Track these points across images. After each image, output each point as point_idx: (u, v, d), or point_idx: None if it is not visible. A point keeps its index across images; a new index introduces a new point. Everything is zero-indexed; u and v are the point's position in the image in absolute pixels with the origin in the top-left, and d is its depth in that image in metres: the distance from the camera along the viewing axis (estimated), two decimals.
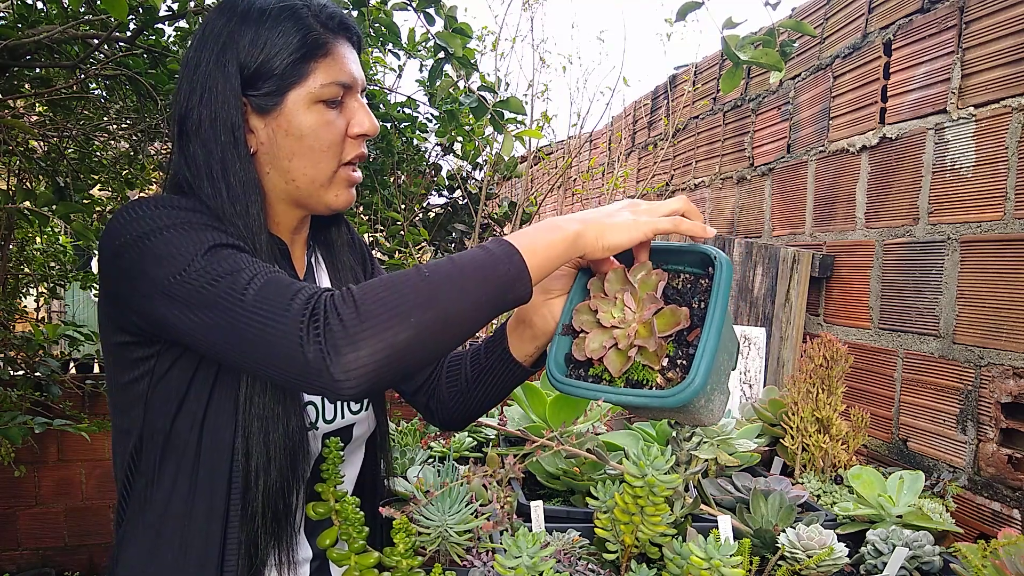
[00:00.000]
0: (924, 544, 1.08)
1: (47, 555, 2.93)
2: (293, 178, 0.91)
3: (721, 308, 0.82)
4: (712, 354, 0.80)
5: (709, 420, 0.88)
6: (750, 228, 2.44)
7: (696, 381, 0.78)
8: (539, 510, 1.05)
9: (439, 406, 1.11)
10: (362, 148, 0.94)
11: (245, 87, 0.87)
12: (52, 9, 1.82)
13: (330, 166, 0.91)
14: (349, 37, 0.92)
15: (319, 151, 0.89)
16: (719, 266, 0.85)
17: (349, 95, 0.91)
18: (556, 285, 0.95)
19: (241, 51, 0.86)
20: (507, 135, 1.53)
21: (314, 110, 0.88)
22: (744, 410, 1.72)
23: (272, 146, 0.89)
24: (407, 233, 2.65)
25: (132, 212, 0.81)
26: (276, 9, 0.87)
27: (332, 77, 0.88)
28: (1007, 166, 1.37)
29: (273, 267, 0.79)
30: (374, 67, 2.58)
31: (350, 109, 0.92)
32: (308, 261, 1.04)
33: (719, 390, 0.87)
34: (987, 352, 1.40)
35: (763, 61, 1.10)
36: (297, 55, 0.86)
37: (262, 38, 0.86)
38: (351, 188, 0.95)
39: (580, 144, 3.63)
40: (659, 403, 0.80)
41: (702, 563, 0.82)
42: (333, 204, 0.94)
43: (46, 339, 2.52)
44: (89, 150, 2.40)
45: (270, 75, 0.86)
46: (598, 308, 0.87)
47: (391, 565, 0.85)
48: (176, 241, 0.78)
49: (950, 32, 1.52)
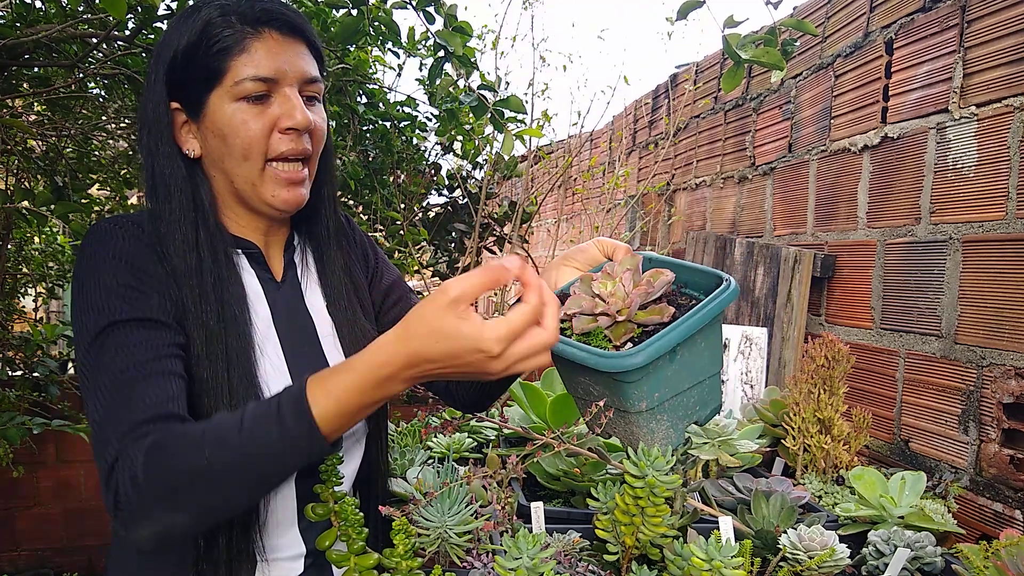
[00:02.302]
0: (926, 545, 1.08)
1: (45, 556, 2.92)
2: (231, 179, 0.91)
3: (704, 316, 0.79)
4: (671, 343, 0.76)
5: (648, 441, 0.84)
6: (751, 228, 2.43)
7: (637, 357, 0.74)
8: (539, 511, 1.05)
9: (458, 387, 1.12)
10: (296, 142, 0.90)
11: (176, 93, 0.88)
12: (51, 8, 1.81)
13: (256, 164, 0.89)
14: (281, 28, 0.88)
15: (241, 148, 0.88)
16: (724, 285, 0.83)
17: (277, 88, 0.88)
18: (577, 255, 0.96)
19: (168, 56, 0.87)
20: (507, 134, 1.52)
21: (234, 107, 0.87)
22: (745, 410, 1.71)
23: (208, 149, 0.90)
24: (407, 233, 2.65)
25: (88, 241, 0.87)
26: (202, 11, 0.87)
27: (250, 72, 0.86)
28: (1009, 166, 1.36)
29: (143, 370, 0.80)
30: (374, 66, 2.58)
31: (279, 103, 0.88)
32: (291, 260, 1.02)
33: (671, 415, 0.83)
34: (989, 352, 1.39)
35: (764, 60, 1.10)
36: (213, 53, 0.85)
37: (183, 40, 0.86)
38: (291, 186, 0.91)
39: (580, 143, 3.63)
40: (595, 362, 0.76)
41: (703, 564, 0.81)
42: (272, 203, 0.91)
43: (44, 339, 2.51)
44: (87, 149, 2.40)
45: (193, 79, 0.87)
46: (597, 279, 0.86)
47: (391, 566, 0.84)
48: (89, 304, 0.82)
49: (952, 31, 1.52)
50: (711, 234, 2.60)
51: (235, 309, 0.89)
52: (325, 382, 0.72)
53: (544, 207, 4.46)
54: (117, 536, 0.91)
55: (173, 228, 0.88)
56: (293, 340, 0.97)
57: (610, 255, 0.94)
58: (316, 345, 1.00)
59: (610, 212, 3.62)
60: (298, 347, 0.97)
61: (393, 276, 1.16)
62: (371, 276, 1.13)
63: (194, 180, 0.91)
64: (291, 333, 0.97)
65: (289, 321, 0.97)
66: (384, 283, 1.14)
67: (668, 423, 0.83)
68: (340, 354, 1.01)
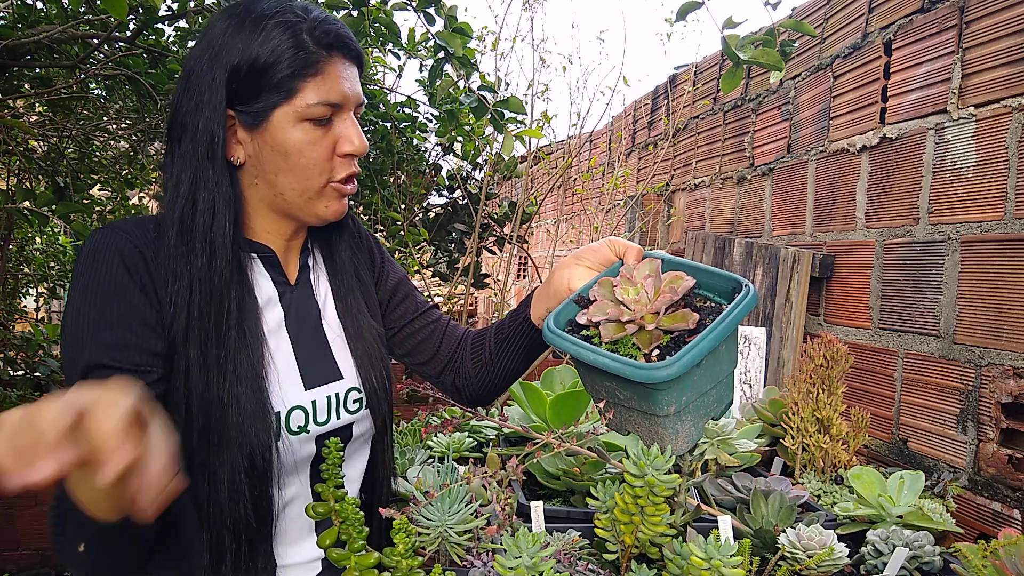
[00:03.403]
0: (924, 544, 1.08)
1: (47, 555, 2.93)
2: (280, 192, 0.91)
3: (729, 323, 0.81)
4: (702, 353, 0.78)
5: (672, 441, 0.86)
6: (750, 228, 2.44)
7: (673, 367, 0.76)
8: (539, 510, 1.05)
9: (465, 383, 1.13)
10: (352, 167, 0.93)
11: (233, 100, 0.86)
12: (52, 9, 1.81)
13: (317, 183, 0.91)
14: (347, 54, 0.90)
15: (304, 168, 0.89)
16: (745, 291, 0.85)
17: (339, 113, 0.90)
18: (589, 255, 0.96)
19: (231, 63, 0.85)
20: (507, 135, 1.53)
21: (300, 128, 0.87)
22: (744, 410, 1.72)
23: (259, 160, 0.89)
24: (407, 233, 2.65)
25: (84, 255, 0.85)
26: (271, 23, 0.85)
27: (321, 97, 0.87)
28: (1007, 166, 1.36)
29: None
30: (374, 67, 2.58)
31: (340, 127, 0.90)
32: (304, 263, 1.03)
33: (694, 415, 0.84)
34: (987, 352, 1.40)
35: (763, 61, 1.10)
36: (286, 72, 0.85)
37: (252, 52, 0.84)
38: (342, 199, 0.95)
39: (580, 144, 3.63)
40: (631, 373, 0.78)
41: (702, 563, 0.82)
42: (323, 215, 0.94)
43: (46, 339, 2.51)
44: (89, 150, 2.40)
45: (258, 90, 0.86)
46: (619, 284, 0.87)
47: (391, 565, 0.85)
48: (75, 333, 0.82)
49: (950, 32, 1.52)
50: (710, 234, 2.60)
51: (251, 326, 0.89)
52: None
53: (544, 207, 4.47)
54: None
55: (213, 241, 0.86)
56: (304, 342, 0.98)
57: (621, 256, 0.95)
58: (325, 347, 1.01)
59: (610, 212, 3.63)
60: (308, 349, 0.98)
61: (399, 275, 1.18)
62: (377, 275, 1.15)
63: (235, 189, 0.90)
64: (302, 335, 0.98)
65: (300, 323, 0.98)
66: (390, 282, 1.16)
67: (691, 422, 0.85)
68: (348, 354, 1.02)
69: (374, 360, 1.04)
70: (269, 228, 0.96)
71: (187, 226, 0.85)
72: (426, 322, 1.17)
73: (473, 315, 4.87)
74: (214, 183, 0.86)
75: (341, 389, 0.99)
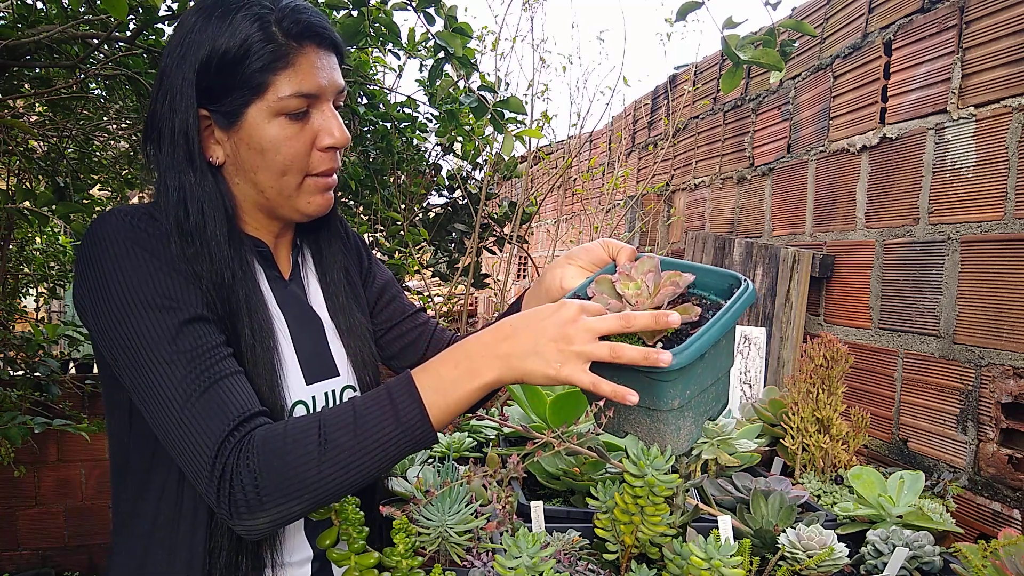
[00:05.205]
0: (924, 544, 1.08)
1: (47, 555, 2.93)
2: (261, 190, 0.90)
3: (733, 315, 0.82)
4: (711, 340, 0.78)
5: (673, 440, 0.85)
6: (750, 228, 2.44)
7: (685, 353, 0.75)
8: (539, 510, 1.05)
9: None
10: (334, 160, 0.91)
11: (205, 99, 0.84)
12: (52, 9, 1.81)
13: (295, 179, 0.89)
14: (320, 43, 0.87)
15: (282, 164, 0.87)
16: (744, 286, 0.86)
17: (317, 104, 0.87)
18: (582, 255, 0.96)
19: (199, 60, 0.82)
20: (507, 135, 1.53)
21: (276, 123, 0.85)
22: (744, 410, 1.72)
23: (237, 159, 0.88)
24: (407, 233, 2.65)
25: (105, 232, 0.81)
26: (238, 16, 0.82)
27: (294, 88, 0.84)
28: (1007, 166, 1.36)
29: (220, 352, 0.80)
30: (374, 67, 2.58)
31: (318, 120, 0.88)
32: (295, 260, 1.03)
33: (695, 411, 0.84)
34: (987, 352, 1.40)
35: (763, 61, 1.10)
36: (256, 66, 0.82)
37: (220, 47, 0.82)
38: (325, 192, 0.93)
39: (580, 144, 3.63)
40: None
41: (702, 563, 0.82)
42: (306, 211, 0.92)
43: (46, 339, 2.51)
44: (89, 150, 2.40)
45: (229, 87, 0.83)
46: (618, 280, 0.87)
47: (391, 565, 0.85)
48: (133, 299, 0.78)
49: (950, 32, 1.52)
50: (710, 234, 2.60)
51: (262, 320, 0.89)
52: (427, 373, 0.78)
53: (544, 207, 4.47)
54: (119, 538, 0.91)
55: (209, 244, 0.84)
56: (302, 336, 0.98)
57: (614, 256, 0.95)
58: (323, 340, 1.01)
59: (609, 212, 3.63)
60: (307, 342, 0.98)
61: (386, 276, 1.18)
62: (364, 276, 1.15)
63: (220, 189, 0.88)
64: (300, 329, 0.98)
65: (297, 317, 0.98)
66: (377, 284, 1.16)
67: (692, 419, 0.85)
68: (342, 349, 1.02)
69: (367, 358, 1.04)
70: (257, 225, 0.96)
71: (185, 230, 0.84)
72: (414, 324, 1.17)
73: (473, 315, 4.87)
74: (198, 187, 0.85)
75: (337, 386, 1.00)
